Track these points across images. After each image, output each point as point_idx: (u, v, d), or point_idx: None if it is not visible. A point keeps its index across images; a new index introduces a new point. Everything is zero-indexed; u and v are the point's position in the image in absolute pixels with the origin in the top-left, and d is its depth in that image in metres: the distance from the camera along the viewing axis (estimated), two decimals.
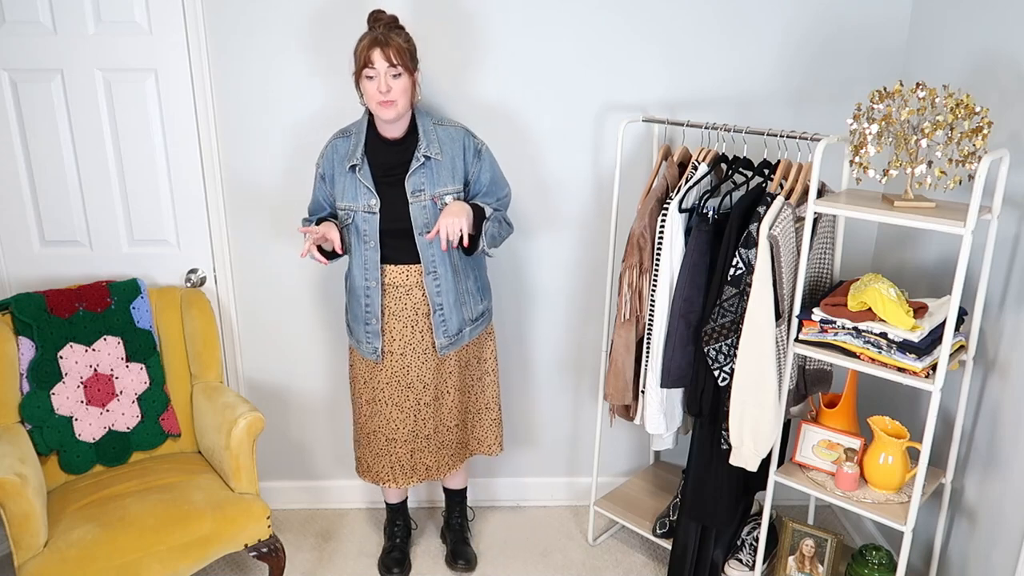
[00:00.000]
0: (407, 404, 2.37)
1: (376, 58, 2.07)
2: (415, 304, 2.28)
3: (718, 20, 2.53)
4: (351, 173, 2.21)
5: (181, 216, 2.62)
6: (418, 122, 2.22)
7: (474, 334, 2.40)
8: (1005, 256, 2.05)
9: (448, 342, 2.33)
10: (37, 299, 2.34)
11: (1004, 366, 2.05)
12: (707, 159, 2.31)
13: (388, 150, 2.22)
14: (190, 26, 2.44)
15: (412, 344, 2.32)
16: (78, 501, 2.20)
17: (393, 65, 2.07)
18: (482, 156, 2.28)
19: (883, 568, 2.29)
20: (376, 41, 2.07)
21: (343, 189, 2.22)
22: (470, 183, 2.28)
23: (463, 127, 2.29)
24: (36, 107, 2.47)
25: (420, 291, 2.27)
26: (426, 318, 2.30)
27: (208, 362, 2.56)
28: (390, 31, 2.10)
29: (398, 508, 2.72)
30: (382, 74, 2.07)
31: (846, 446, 2.22)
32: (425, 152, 2.19)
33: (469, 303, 2.36)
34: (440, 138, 2.22)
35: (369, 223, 2.21)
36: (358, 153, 2.20)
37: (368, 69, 2.08)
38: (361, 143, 2.21)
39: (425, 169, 2.20)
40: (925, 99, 1.89)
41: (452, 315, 2.31)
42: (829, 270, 2.34)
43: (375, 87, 2.09)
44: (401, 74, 2.09)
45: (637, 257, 2.32)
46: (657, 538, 2.61)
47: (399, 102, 2.11)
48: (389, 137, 2.21)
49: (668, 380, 2.32)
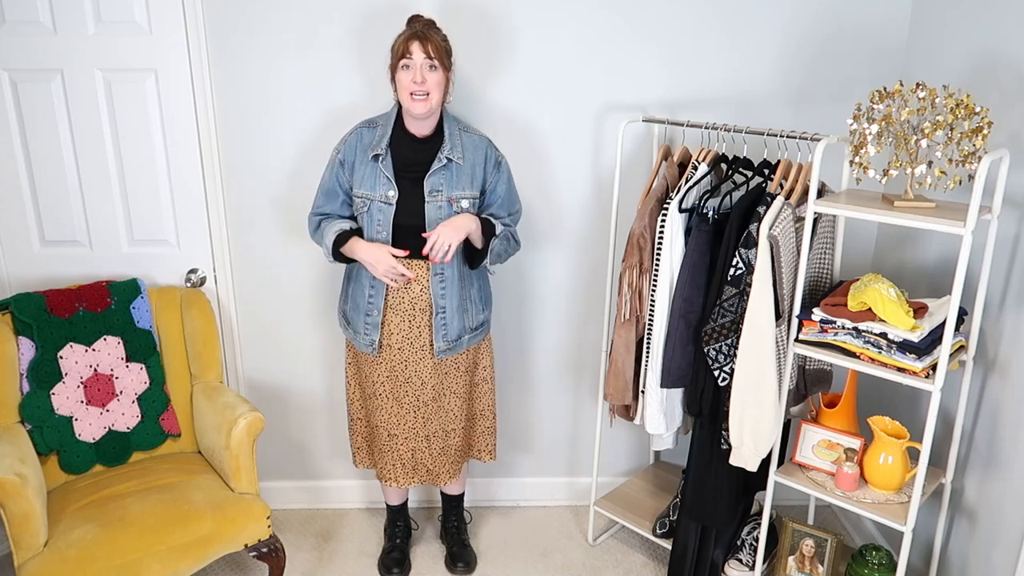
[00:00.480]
0: (406, 399, 2.37)
1: (414, 49, 2.12)
2: (413, 299, 2.28)
3: (718, 20, 2.53)
4: (373, 162, 2.23)
5: (181, 216, 2.62)
6: (445, 124, 2.26)
7: (472, 343, 2.41)
8: (1005, 256, 2.05)
9: (446, 346, 2.34)
10: (37, 299, 2.34)
11: (1004, 366, 2.05)
12: (707, 159, 2.31)
13: (412, 146, 2.24)
14: (190, 26, 2.44)
15: (410, 339, 2.32)
16: (78, 501, 2.20)
17: (430, 58, 2.12)
18: (501, 168, 2.33)
19: (883, 568, 2.29)
20: (416, 35, 2.13)
21: (362, 177, 2.24)
22: (486, 192, 2.32)
23: (487, 137, 2.33)
24: (36, 107, 2.47)
25: (419, 286, 2.28)
26: (423, 315, 2.30)
27: (208, 362, 2.56)
28: (429, 29, 2.17)
29: (398, 509, 2.72)
30: (418, 65, 2.12)
31: (846, 446, 2.22)
32: (448, 154, 2.22)
33: (471, 311, 2.37)
34: (464, 144, 2.27)
35: (384, 213, 2.22)
36: (383, 144, 2.23)
37: (405, 59, 2.13)
38: (387, 135, 2.24)
39: (446, 171, 2.23)
40: (925, 99, 1.89)
41: (454, 319, 2.32)
42: (829, 270, 2.34)
43: (410, 77, 2.13)
44: (437, 68, 2.14)
45: (637, 257, 2.32)
46: (657, 538, 2.61)
47: (432, 96, 2.15)
48: (416, 134, 2.24)
49: (668, 380, 2.32)
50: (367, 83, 2.54)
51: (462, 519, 2.79)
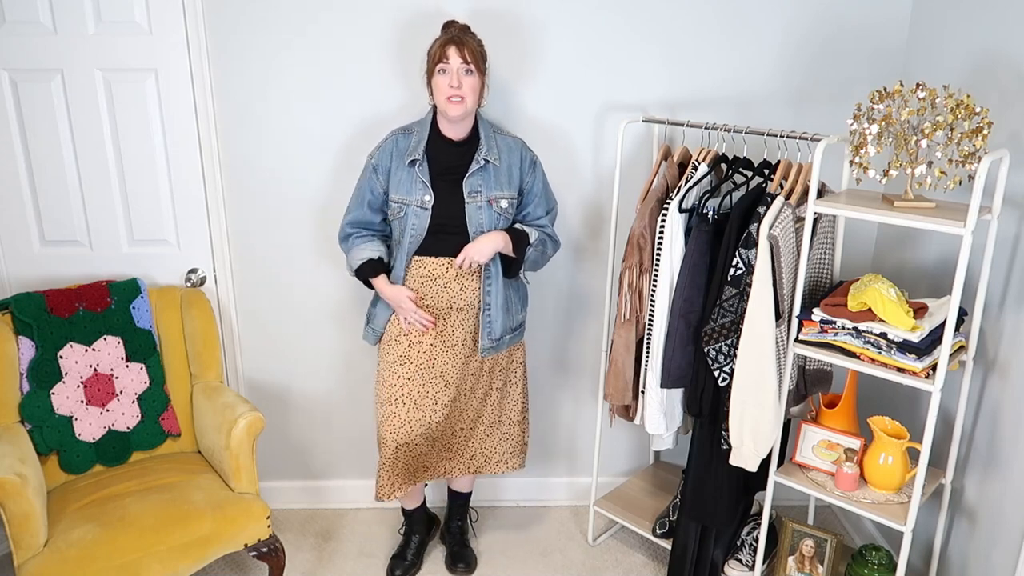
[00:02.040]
0: (425, 402, 2.35)
1: (451, 54, 2.15)
2: (451, 297, 2.30)
3: (718, 20, 2.53)
4: (409, 168, 2.25)
5: (181, 216, 2.62)
6: (480, 127, 2.29)
7: (511, 343, 2.43)
8: (1005, 256, 2.05)
9: (491, 344, 2.36)
10: (37, 299, 2.34)
11: (1004, 366, 2.05)
12: (707, 159, 2.31)
13: (448, 150, 2.27)
14: (190, 26, 2.44)
15: (443, 337, 2.33)
16: (78, 501, 2.20)
17: (467, 62, 2.15)
18: (536, 168, 2.37)
19: (883, 568, 2.29)
20: (452, 39, 2.16)
21: (399, 182, 2.26)
22: (524, 192, 2.35)
23: (520, 139, 2.37)
24: (36, 107, 2.47)
25: (459, 285, 2.29)
26: (460, 313, 2.32)
27: (208, 362, 2.56)
28: (465, 34, 2.20)
29: (412, 513, 2.67)
30: (455, 70, 2.15)
31: (846, 446, 2.22)
32: (486, 156, 2.25)
33: (512, 310, 2.40)
34: (499, 145, 2.30)
35: (419, 217, 2.24)
36: (420, 149, 2.25)
37: (442, 63, 2.15)
38: (424, 140, 2.26)
39: (484, 172, 2.25)
40: (925, 99, 1.89)
41: (498, 317, 2.34)
42: (829, 270, 2.34)
43: (447, 82, 2.15)
44: (473, 72, 2.17)
45: (637, 257, 2.32)
46: (657, 538, 2.61)
47: (467, 100, 2.17)
48: (451, 138, 2.27)
49: (668, 380, 2.32)
50: (367, 82, 2.54)
51: (467, 519, 2.78)
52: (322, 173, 2.62)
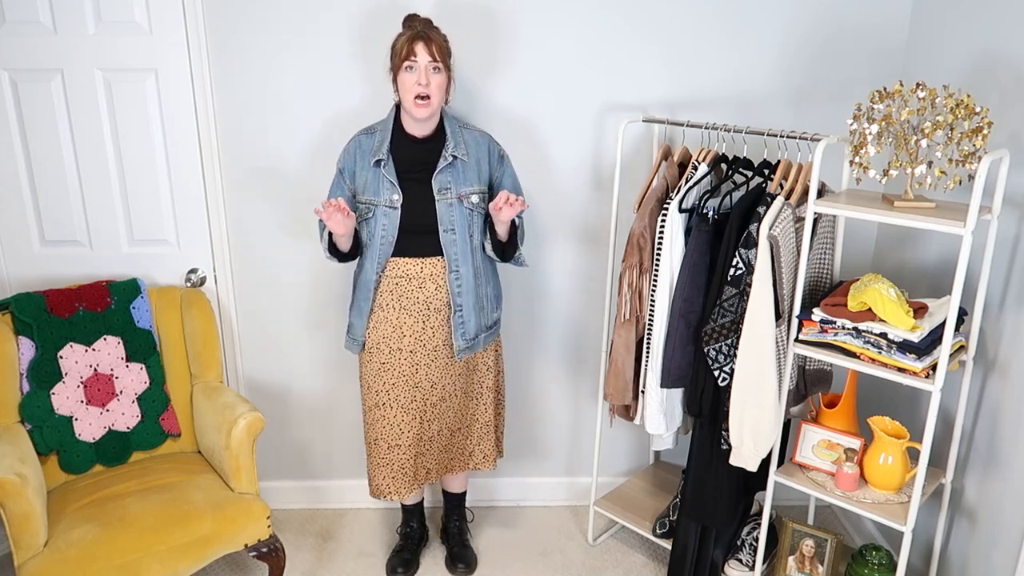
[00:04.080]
0: (413, 406, 2.36)
1: (419, 51, 2.11)
2: (427, 298, 2.28)
3: (718, 20, 2.53)
4: (375, 168, 2.23)
5: (181, 216, 2.62)
6: (446, 123, 2.27)
7: (487, 342, 2.41)
8: (1005, 256, 2.05)
9: (466, 345, 2.34)
10: (37, 299, 2.34)
11: (1004, 366, 2.05)
12: (707, 159, 2.31)
13: (413, 148, 2.25)
14: (190, 26, 2.44)
15: (423, 340, 2.32)
16: (78, 501, 2.20)
17: (435, 60, 2.12)
18: (505, 162, 2.35)
19: (883, 568, 2.29)
20: (419, 36, 2.12)
21: (365, 184, 2.24)
22: (493, 186, 2.33)
23: (487, 133, 2.35)
24: (36, 107, 2.47)
25: (433, 284, 2.28)
26: (438, 314, 2.30)
27: (208, 362, 2.56)
28: (430, 29, 2.16)
29: (412, 509, 2.69)
30: (423, 67, 2.12)
31: (846, 446, 2.22)
32: (453, 152, 2.23)
33: (487, 308, 2.38)
34: (466, 140, 2.28)
35: (389, 217, 2.23)
36: (383, 149, 2.22)
37: (410, 61, 2.12)
38: (387, 140, 2.24)
39: (452, 168, 2.23)
40: (925, 99, 1.89)
41: (471, 317, 2.32)
42: (829, 270, 2.34)
43: (414, 79, 2.12)
44: (440, 70, 2.14)
45: (637, 257, 2.32)
46: (657, 538, 2.61)
47: (434, 99, 2.15)
48: (416, 135, 2.24)
49: (668, 380, 2.32)
50: (368, 83, 2.54)
51: (464, 518, 2.78)
52: (322, 173, 2.62)
